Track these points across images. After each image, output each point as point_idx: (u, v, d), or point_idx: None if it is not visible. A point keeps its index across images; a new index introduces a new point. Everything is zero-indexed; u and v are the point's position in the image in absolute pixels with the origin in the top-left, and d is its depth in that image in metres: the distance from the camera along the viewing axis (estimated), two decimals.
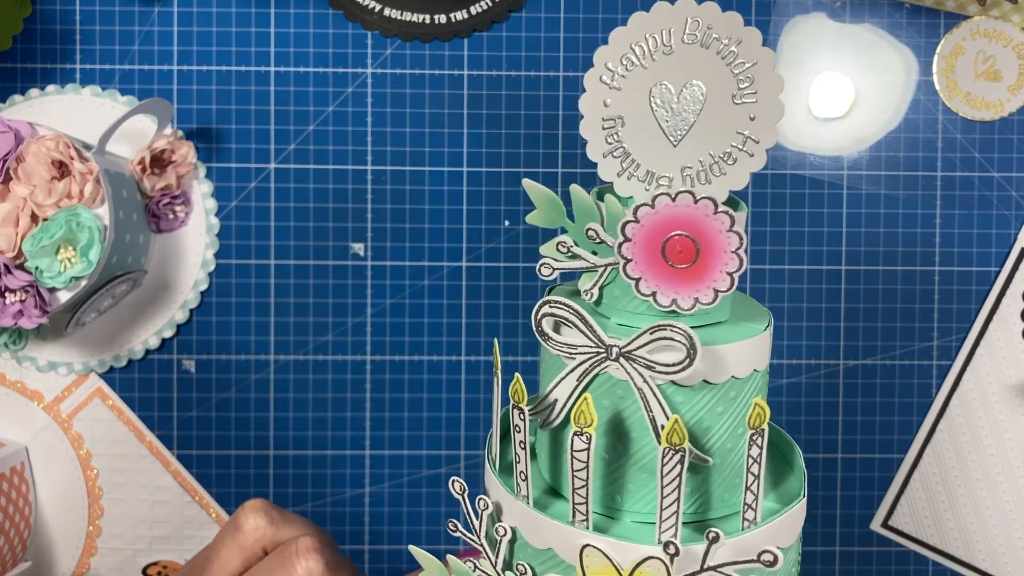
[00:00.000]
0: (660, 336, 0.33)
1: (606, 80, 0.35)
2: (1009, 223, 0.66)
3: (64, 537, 0.67)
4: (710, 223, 0.33)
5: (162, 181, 0.64)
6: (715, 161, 0.34)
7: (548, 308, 0.35)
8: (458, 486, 0.37)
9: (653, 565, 0.33)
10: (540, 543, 0.36)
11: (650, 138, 0.35)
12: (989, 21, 0.65)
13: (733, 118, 0.34)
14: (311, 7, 0.66)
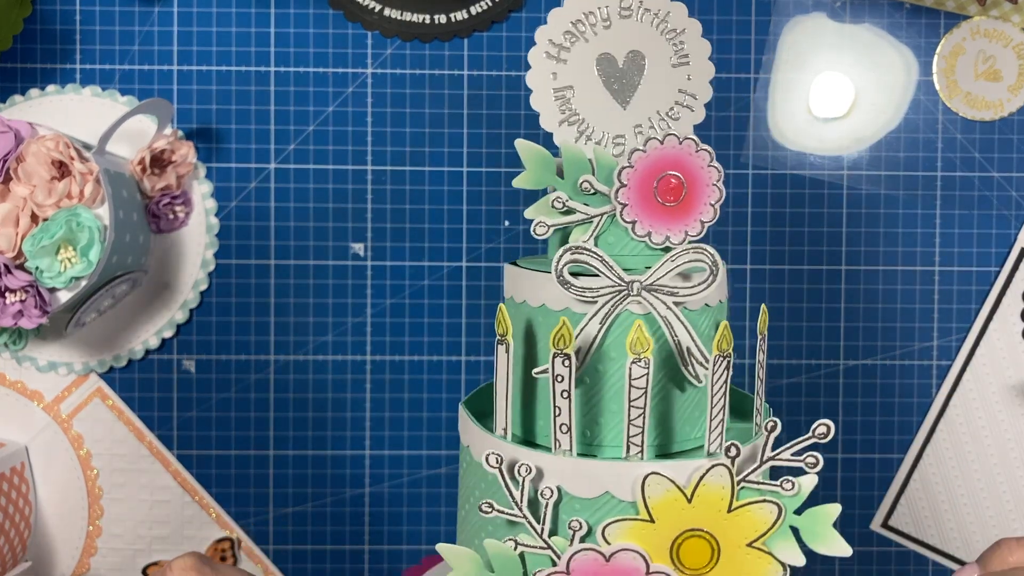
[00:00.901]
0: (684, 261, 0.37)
1: (552, 54, 0.39)
2: (1009, 223, 0.66)
3: (64, 537, 0.67)
4: (694, 160, 0.37)
5: (162, 181, 0.64)
6: (662, 118, 0.39)
7: (570, 255, 0.37)
8: (493, 459, 0.36)
9: (717, 473, 0.35)
10: (593, 491, 0.36)
11: (601, 103, 0.39)
12: (989, 21, 0.65)
13: (672, 79, 0.39)
14: (311, 7, 0.66)
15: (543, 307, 0.38)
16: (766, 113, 0.66)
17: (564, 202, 0.38)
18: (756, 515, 0.35)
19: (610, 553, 0.35)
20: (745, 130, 0.66)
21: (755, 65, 0.66)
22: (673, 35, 0.39)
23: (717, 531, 0.35)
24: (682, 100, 0.39)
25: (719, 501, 0.35)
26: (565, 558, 0.35)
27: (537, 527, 0.36)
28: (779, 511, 0.35)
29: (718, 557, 0.35)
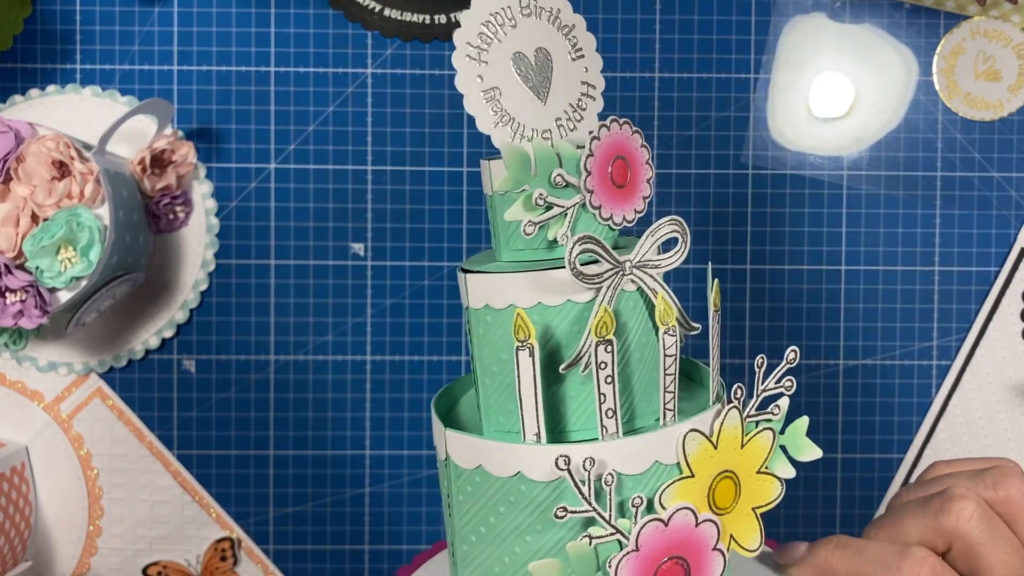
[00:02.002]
0: (663, 234, 0.40)
1: (472, 56, 0.39)
2: (1009, 223, 0.66)
3: (64, 537, 0.67)
4: (632, 142, 0.40)
5: (162, 181, 0.64)
6: (575, 110, 0.40)
7: (582, 246, 0.38)
8: (562, 461, 0.36)
9: (731, 415, 0.38)
10: (643, 464, 0.38)
11: (525, 101, 0.40)
12: (989, 21, 0.65)
13: (575, 72, 0.40)
14: (311, 7, 0.66)
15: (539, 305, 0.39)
16: (766, 113, 0.66)
17: (545, 198, 0.39)
18: (760, 444, 0.39)
19: (668, 516, 0.37)
20: (745, 130, 0.66)
21: (755, 65, 0.66)
22: (567, 30, 0.40)
23: (737, 468, 0.38)
24: (586, 91, 0.41)
25: (735, 440, 0.38)
26: (634, 535, 0.36)
27: (605, 516, 0.37)
28: (773, 435, 0.39)
29: (740, 491, 0.39)
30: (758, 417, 0.39)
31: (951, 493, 0.40)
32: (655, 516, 0.36)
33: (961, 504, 0.39)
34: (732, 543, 0.39)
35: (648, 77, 0.66)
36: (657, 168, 0.66)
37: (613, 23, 0.66)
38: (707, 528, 0.37)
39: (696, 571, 0.37)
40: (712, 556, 0.37)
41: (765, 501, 0.39)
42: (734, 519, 0.39)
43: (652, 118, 0.66)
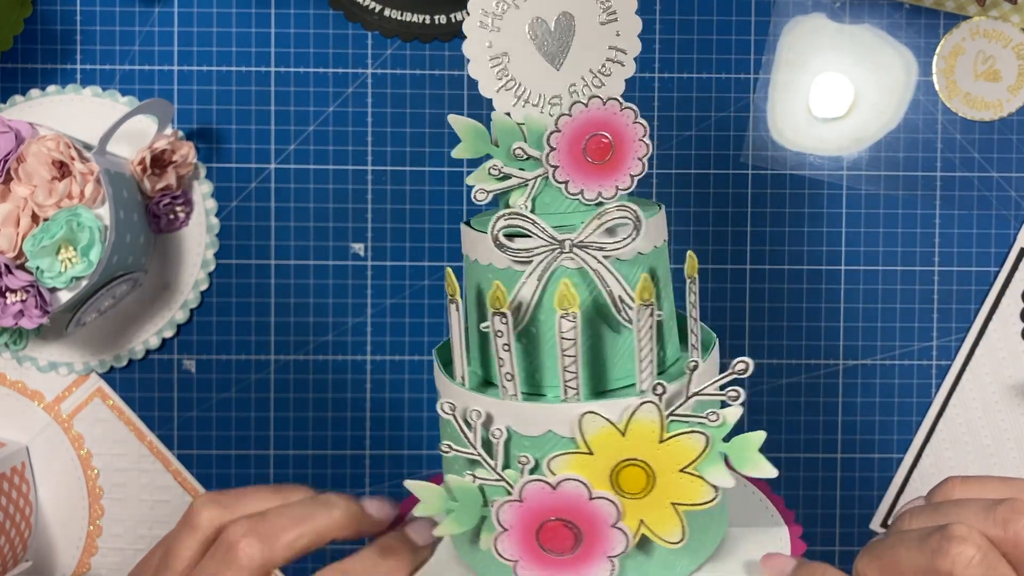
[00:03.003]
0: (609, 218, 0.39)
1: (485, 24, 0.41)
2: (1008, 223, 0.66)
3: (64, 537, 0.67)
4: (619, 119, 0.40)
5: (162, 181, 0.64)
6: (595, 75, 0.40)
7: (504, 220, 0.40)
8: (447, 406, 0.40)
9: (647, 409, 0.38)
10: (538, 430, 0.40)
11: (535, 66, 0.41)
12: (989, 21, 0.65)
13: (602, 37, 0.40)
14: (311, 7, 0.66)
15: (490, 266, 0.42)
16: (766, 113, 0.66)
17: (500, 169, 0.41)
18: (686, 444, 0.39)
19: (556, 482, 0.39)
20: (745, 130, 0.66)
21: (755, 65, 0.66)
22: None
23: (651, 459, 0.39)
24: (613, 56, 0.41)
25: (651, 433, 0.39)
26: (518, 488, 0.39)
27: (492, 463, 0.40)
28: (706, 440, 0.39)
29: (654, 482, 0.39)
30: (692, 418, 0.39)
31: (952, 533, 0.36)
32: (540, 477, 0.39)
33: (960, 548, 0.36)
34: (646, 530, 0.39)
35: (648, 77, 0.66)
36: (657, 168, 0.66)
37: None
38: (603, 504, 0.39)
39: (590, 540, 0.39)
40: (611, 532, 0.39)
41: (690, 501, 0.39)
42: (647, 508, 0.39)
43: (652, 118, 0.66)
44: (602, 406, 0.39)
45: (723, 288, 0.67)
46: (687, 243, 0.66)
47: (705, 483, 0.39)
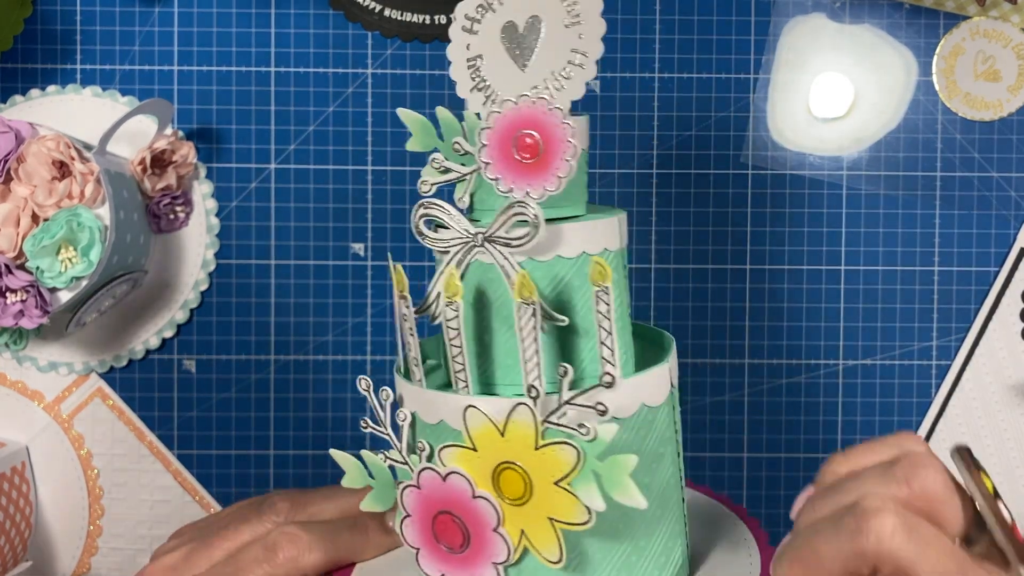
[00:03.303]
0: (512, 214, 0.39)
1: (466, 28, 0.42)
2: (1008, 223, 0.66)
3: (65, 537, 0.67)
4: (547, 118, 0.40)
5: (162, 181, 0.64)
6: (556, 78, 0.41)
7: (423, 210, 0.41)
8: (364, 383, 0.42)
9: (522, 411, 0.37)
10: (433, 418, 0.41)
11: (504, 68, 0.41)
12: (988, 21, 0.65)
13: (566, 40, 0.41)
14: (311, 8, 0.66)
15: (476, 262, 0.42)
16: (766, 113, 0.66)
17: (441, 163, 0.42)
18: (560, 456, 0.37)
19: (444, 473, 0.39)
20: (745, 130, 0.66)
21: (755, 65, 0.66)
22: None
23: (528, 466, 0.38)
24: (574, 59, 0.41)
25: (527, 438, 0.38)
26: (415, 474, 0.39)
27: (399, 444, 0.41)
28: (578, 454, 0.37)
29: (532, 491, 0.38)
30: (566, 429, 0.37)
31: (864, 507, 0.35)
32: (433, 467, 0.39)
33: (879, 521, 0.34)
34: (527, 542, 0.38)
35: (648, 77, 0.66)
36: (657, 168, 0.66)
37: (613, 23, 0.66)
38: (483, 505, 0.38)
39: (476, 541, 0.38)
40: (492, 537, 0.38)
41: (564, 519, 0.37)
42: (527, 518, 0.38)
43: (652, 118, 0.66)
44: (485, 402, 0.38)
45: (723, 288, 0.67)
46: (687, 243, 0.67)
47: (578, 502, 0.37)
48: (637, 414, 0.40)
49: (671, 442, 0.43)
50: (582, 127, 0.42)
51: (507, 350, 0.42)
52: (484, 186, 0.41)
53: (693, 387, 0.67)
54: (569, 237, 0.41)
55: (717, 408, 0.67)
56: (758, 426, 0.67)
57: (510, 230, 0.40)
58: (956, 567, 0.35)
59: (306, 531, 0.45)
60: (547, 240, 0.40)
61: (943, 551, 0.35)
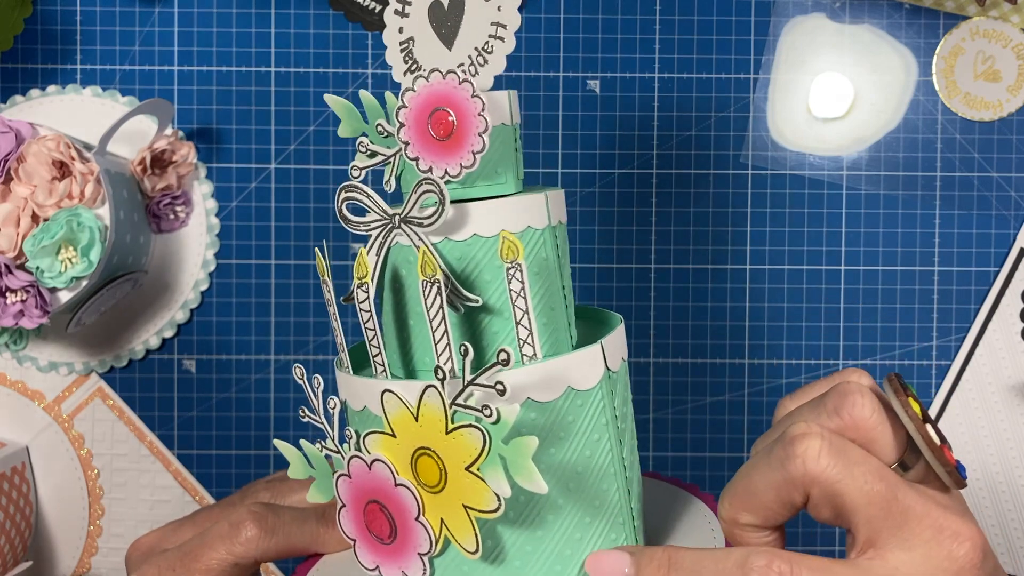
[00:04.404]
0: (421, 191, 0.39)
1: (399, 11, 0.42)
2: (1008, 223, 0.66)
3: (65, 537, 0.67)
4: (459, 94, 0.39)
5: (162, 181, 0.64)
6: (479, 53, 0.40)
7: (346, 193, 0.41)
8: (299, 372, 0.40)
9: (431, 394, 0.36)
10: (358, 404, 0.40)
11: (433, 48, 0.41)
12: (988, 22, 0.65)
13: (485, 14, 0.40)
14: (311, 8, 0.66)
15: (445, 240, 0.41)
16: (765, 113, 0.66)
17: (367, 146, 0.41)
18: (468, 440, 0.36)
19: (370, 461, 0.38)
20: (745, 130, 0.66)
21: (755, 66, 0.66)
22: None
23: (441, 451, 0.37)
24: (494, 32, 0.40)
25: (438, 422, 0.36)
26: (345, 462, 0.39)
27: (331, 433, 0.40)
28: (483, 437, 0.36)
29: (446, 478, 0.37)
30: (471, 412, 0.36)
31: (790, 434, 0.35)
32: (360, 455, 0.38)
33: (803, 445, 0.35)
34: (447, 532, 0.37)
35: (648, 77, 0.66)
36: (657, 168, 0.66)
37: (613, 23, 0.66)
38: (404, 493, 0.37)
39: (401, 531, 0.37)
40: (415, 527, 0.37)
41: (478, 507, 0.36)
42: (445, 505, 0.37)
43: (652, 118, 0.66)
44: (400, 386, 0.37)
45: (723, 288, 0.67)
46: (687, 243, 0.67)
47: (488, 489, 0.36)
48: (563, 398, 0.39)
49: (608, 427, 0.41)
50: (501, 102, 0.41)
51: (425, 334, 0.40)
52: (408, 167, 0.41)
53: (693, 387, 0.67)
54: (486, 215, 0.40)
55: (717, 408, 0.67)
56: (758, 426, 0.67)
57: (422, 210, 0.39)
58: (886, 488, 0.35)
59: (272, 513, 0.45)
60: (461, 218, 0.39)
61: (872, 471, 0.35)
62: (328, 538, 0.46)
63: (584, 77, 0.66)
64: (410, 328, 0.41)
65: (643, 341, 0.67)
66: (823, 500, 0.35)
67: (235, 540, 0.44)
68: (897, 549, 0.34)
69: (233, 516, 0.45)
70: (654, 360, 0.67)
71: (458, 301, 0.39)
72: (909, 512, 0.34)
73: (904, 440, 0.37)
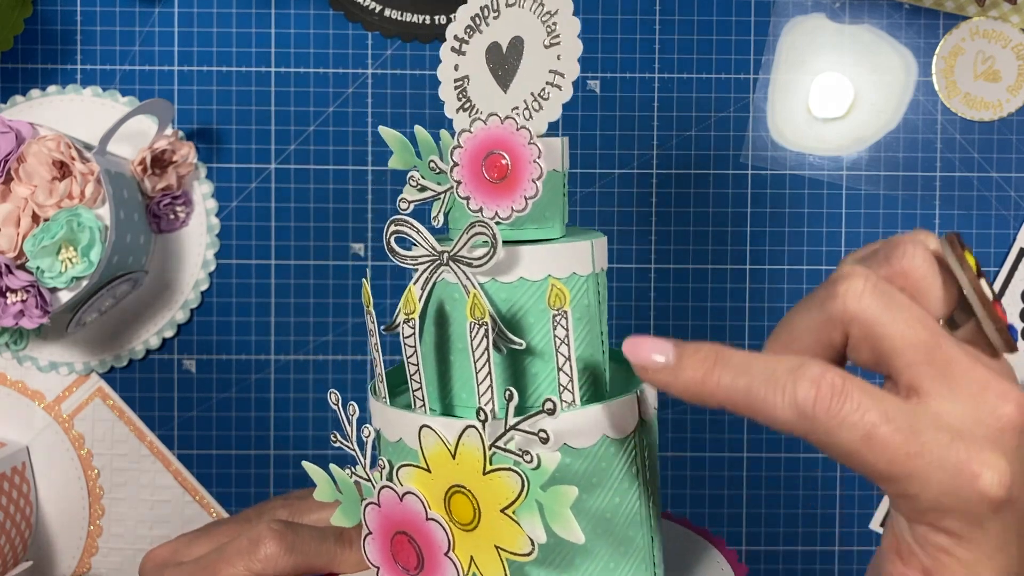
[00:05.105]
0: (473, 233, 0.39)
1: (455, 48, 0.42)
2: (1008, 223, 0.66)
3: (65, 536, 0.67)
4: (515, 139, 0.40)
5: (163, 181, 0.64)
6: (535, 99, 0.41)
7: (395, 227, 0.42)
8: (334, 397, 0.41)
9: (471, 434, 0.37)
10: (393, 436, 0.41)
11: (488, 89, 0.42)
12: (988, 22, 0.65)
13: (545, 61, 0.40)
14: (312, 8, 0.66)
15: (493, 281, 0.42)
16: (765, 114, 0.66)
17: (418, 181, 0.42)
18: (505, 482, 0.36)
19: (402, 493, 0.38)
20: (744, 130, 0.66)
21: (754, 66, 0.66)
22: (548, 17, 0.40)
23: (476, 491, 0.37)
24: (552, 80, 0.41)
25: (476, 462, 0.37)
26: (376, 491, 0.39)
27: (363, 460, 0.40)
28: (522, 481, 0.36)
29: (480, 517, 0.37)
30: (512, 455, 0.36)
31: (835, 276, 0.34)
32: (391, 485, 0.38)
33: (846, 285, 0.34)
34: (476, 570, 0.37)
35: (648, 77, 0.66)
36: (657, 168, 0.66)
37: (613, 23, 0.66)
38: (435, 528, 0.37)
39: (428, 565, 0.38)
40: (443, 561, 0.37)
41: (511, 549, 0.36)
42: (476, 544, 0.37)
43: (652, 118, 0.66)
44: (440, 423, 0.38)
45: (723, 288, 0.67)
46: (687, 243, 0.67)
47: (523, 532, 0.36)
48: (598, 445, 0.39)
49: (637, 476, 0.41)
50: (555, 149, 0.42)
51: (467, 373, 0.41)
52: (457, 205, 0.41)
53: None
54: (533, 260, 0.40)
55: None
56: (758, 426, 0.67)
57: (471, 250, 0.40)
58: (929, 335, 0.33)
59: (292, 531, 0.45)
60: (510, 261, 0.40)
61: (916, 318, 0.33)
62: (346, 558, 0.46)
63: (584, 77, 0.66)
64: (450, 363, 0.42)
65: None
66: (863, 340, 0.34)
67: (254, 556, 0.44)
68: (940, 397, 0.33)
69: (252, 532, 0.45)
70: None
71: (502, 343, 0.40)
72: (953, 363, 0.33)
73: (955, 297, 0.35)
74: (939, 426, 0.32)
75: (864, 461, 0.32)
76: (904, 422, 0.32)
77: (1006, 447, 0.32)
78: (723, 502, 0.67)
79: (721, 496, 0.67)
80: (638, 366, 0.36)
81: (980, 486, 0.31)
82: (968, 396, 0.33)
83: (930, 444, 0.32)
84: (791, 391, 0.32)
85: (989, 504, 0.32)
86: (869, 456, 0.32)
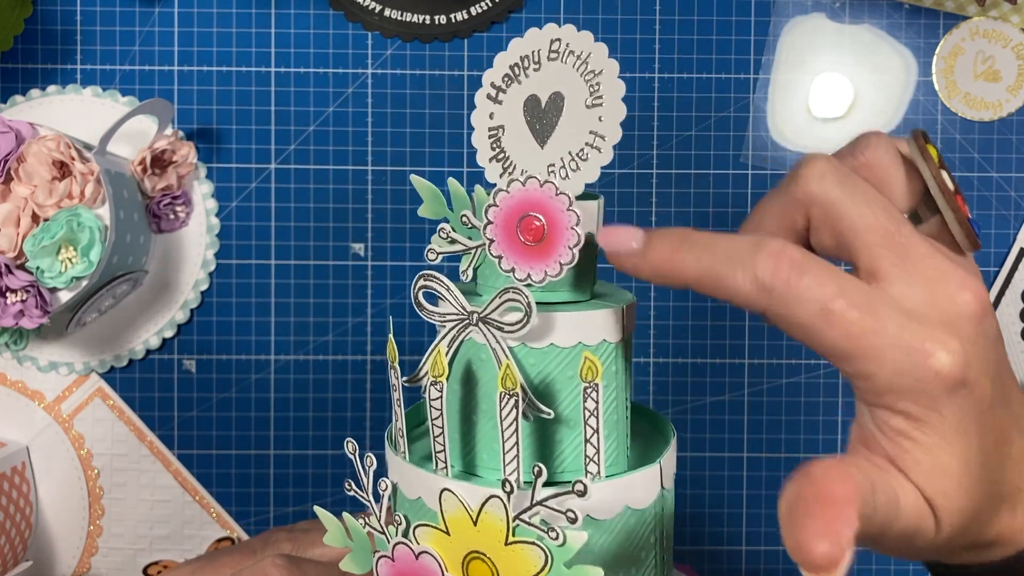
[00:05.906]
0: (506, 299, 0.38)
1: (491, 96, 0.41)
2: (1008, 223, 0.66)
3: (65, 537, 0.67)
4: (553, 203, 0.39)
5: (163, 181, 0.64)
6: (572, 158, 0.40)
7: (423, 281, 0.41)
8: (351, 446, 0.41)
9: (494, 504, 0.36)
10: (412, 493, 0.40)
11: (523, 142, 0.41)
12: (988, 22, 0.65)
13: (586, 120, 0.39)
14: (312, 8, 0.66)
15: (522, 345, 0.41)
16: (766, 113, 0.66)
17: (448, 233, 0.41)
18: (528, 555, 0.36)
19: (417, 551, 0.38)
20: (744, 130, 0.66)
21: (754, 66, 0.66)
22: (592, 76, 0.39)
23: (497, 560, 0.36)
24: (592, 141, 0.39)
25: (498, 532, 0.36)
26: (390, 546, 0.38)
27: (377, 512, 0.40)
28: (546, 558, 0.35)
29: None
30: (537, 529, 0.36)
31: (800, 161, 0.35)
32: (407, 542, 0.38)
33: (809, 168, 0.34)
34: None
35: (648, 77, 0.66)
36: (657, 168, 0.66)
37: (613, 23, 0.66)
38: None
39: None
40: None
41: None
42: None
43: (652, 118, 0.66)
44: (463, 488, 0.38)
45: None
46: None
47: None
48: (620, 516, 0.39)
49: (656, 545, 0.41)
50: (591, 213, 0.41)
51: (490, 435, 0.41)
52: (488, 262, 0.41)
53: (693, 387, 0.67)
54: (565, 326, 0.40)
55: (717, 408, 0.67)
56: (758, 426, 0.67)
57: (503, 314, 0.39)
58: (888, 220, 0.33)
59: (297, 567, 0.45)
60: (542, 327, 0.39)
61: (876, 203, 0.34)
62: None
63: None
64: (473, 423, 0.41)
65: (643, 341, 0.67)
66: (823, 222, 0.34)
67: None
68: (899, 281, 0.33)
69: (257, 567, 0.44)
70: (654, 360, 0.67)
71: (531, 412, 0.39)
72: (912, 248, 0.33)
73: (919, 192, 0.35)
74: (896, 307, 0.32)
75: (822, 337, 0.33)
76: (861, 299, 0.32)
77: (961, 332, 0.32)
78: (723, 502, 0.67)
79: (721, 496, 0.67)
80: (610, 252, 0.37)
81: (933, 364, 0.32)
82: (926, 281, 0.33)
83: (886, 323, 0.32)
84: (751, 265, 0.33)
85: (943, 384, 0.32)
86: (826, 331, 0.32)
